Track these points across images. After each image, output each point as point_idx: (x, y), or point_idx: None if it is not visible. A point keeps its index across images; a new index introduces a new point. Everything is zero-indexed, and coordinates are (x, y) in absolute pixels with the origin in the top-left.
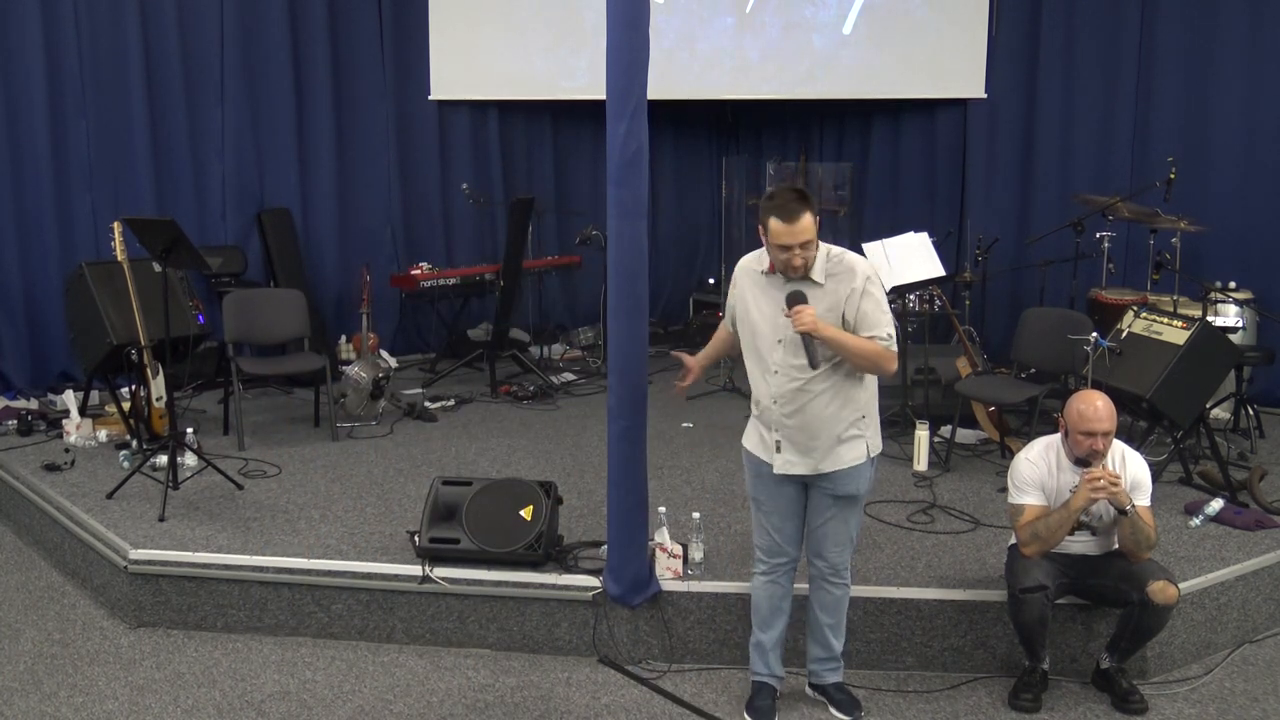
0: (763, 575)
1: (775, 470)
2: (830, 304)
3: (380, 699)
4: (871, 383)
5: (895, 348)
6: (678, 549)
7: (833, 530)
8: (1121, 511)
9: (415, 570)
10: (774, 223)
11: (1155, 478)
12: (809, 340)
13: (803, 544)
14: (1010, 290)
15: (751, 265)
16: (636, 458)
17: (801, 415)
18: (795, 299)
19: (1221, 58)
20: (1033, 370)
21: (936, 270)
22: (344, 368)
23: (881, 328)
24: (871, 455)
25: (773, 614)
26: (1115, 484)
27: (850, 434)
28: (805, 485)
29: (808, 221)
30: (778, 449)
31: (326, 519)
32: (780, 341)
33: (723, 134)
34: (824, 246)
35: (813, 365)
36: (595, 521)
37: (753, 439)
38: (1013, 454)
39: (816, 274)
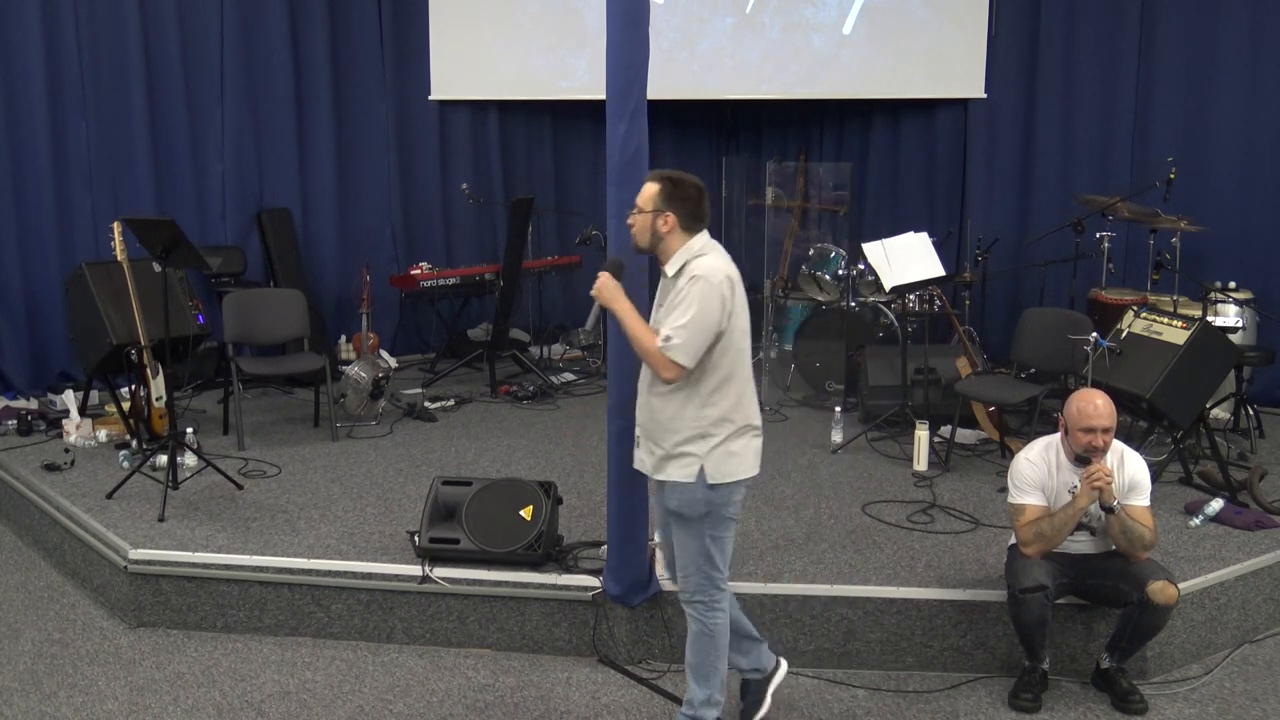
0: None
1: (634, 464)
2: (664, 300)
3: (380, 699)
4: (728, 406)
5: (677, 358)
6: None
7: (676, 547)
8: (1108, 509)
9: (415, 570)
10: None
11: (1155, 478)
12: (598, 308)
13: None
14: (1010, 290)
15: None
16: None
17: (647, 411)
18: (611, 265)
19: (1221, 58)
20: (1033, 370)
21: (936, 270)
22: (344, 368)
23: (669, 326)
24: (710, 481)
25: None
26: (1109, 479)
27: (682, 450)
28: None
29: (644, 189)
30: (637, 443)
31: (326, 519)
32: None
33: (723, 134)
34: (692, 252)
35: (585, 329)
36: (595, 521)
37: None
38: (1013, 454)
39: (669, 267)
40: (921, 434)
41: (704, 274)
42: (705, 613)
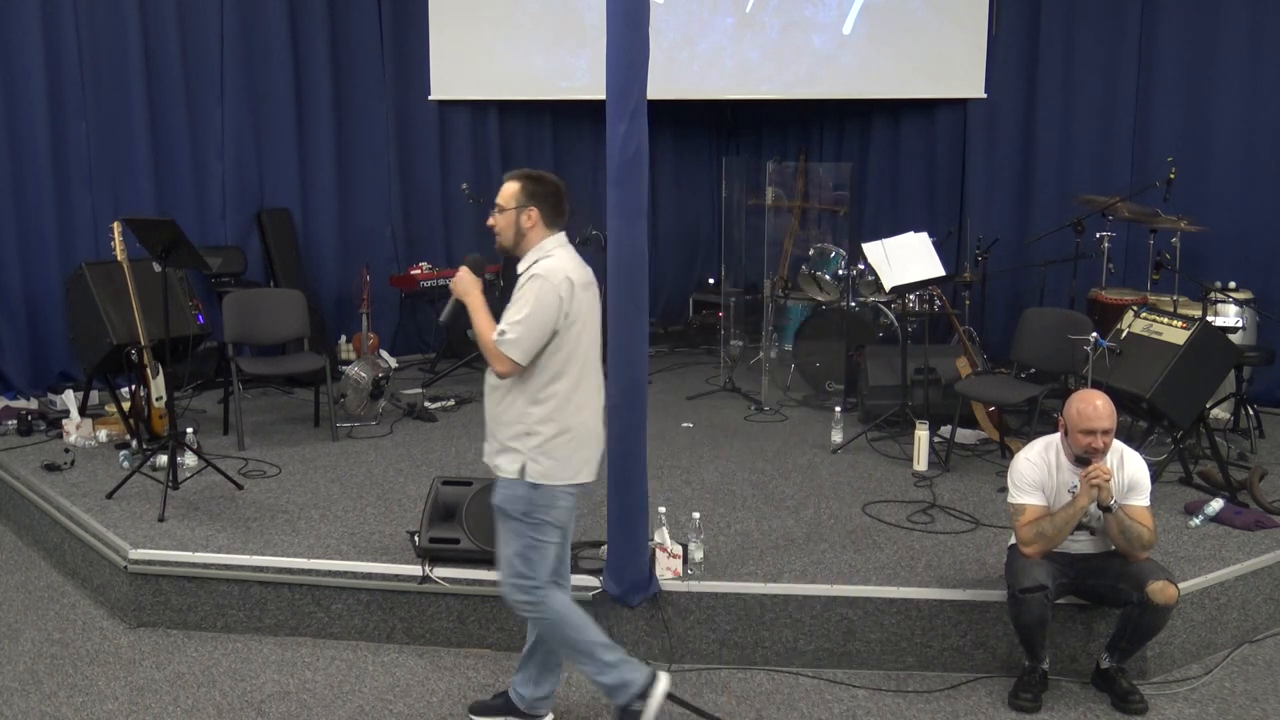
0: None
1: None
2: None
3: (380, 699)
4: (554, 407)
5: (509, 352)
6: (678, 549)
7: (499, 543)
8: (1106, 509)
9: (415, 570)
10: None
11: (1155, 478)
12: (454, 301)
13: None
14: (1010, 290)
15: None
16: (636, 457)
17: (488, 404)
18: (471, 261)
19: (1222, 58)
20: (1033, 370)
21: (936, 270)
22: (344, 368)
23: (505, 322)
24: (530, 479)
25: (529, 628)
26: (1107, 478)
27: (509, 445)
28: None
29: (504, 188)
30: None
31: (326, 519)
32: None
33: (723, 134)
34: (544, 251)
35: (439, 318)
36: (595, 521)
37: None
38: (1013, 454)
39: (521, 265)
40: (921, 434)
41: (544, 274)
42: (532, 611)
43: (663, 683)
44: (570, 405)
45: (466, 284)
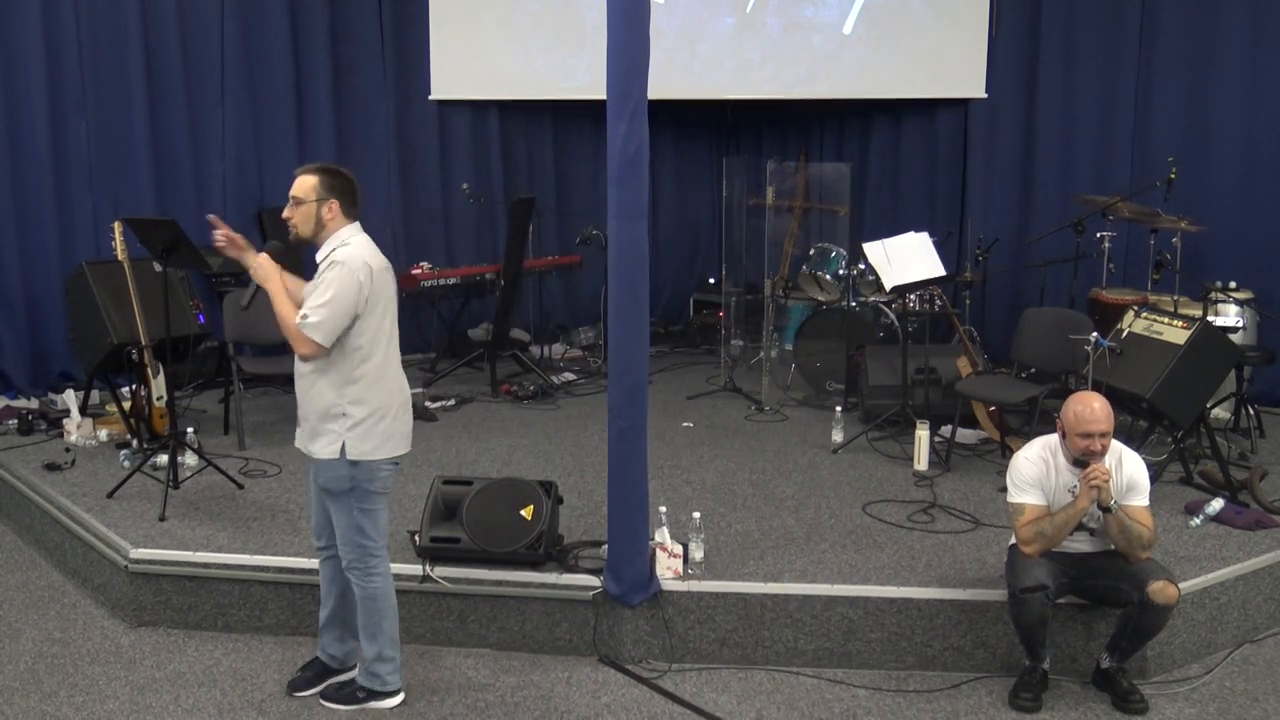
0: (319, 553)
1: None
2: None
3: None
4: (366, 386)
5: (313, 335)
6: (678, 548)
7: (333, 520)
8: (1105, 509)
9: (415, 570)
10: None
11: (1155, 478)
12: (255, 286)
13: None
14: (1010, 290)
15: None
16: (636, 457)
17: (299, 390)
18: (272, 248)
19: (1221, 58)
20: (1033, 370)
21: (936, 270)
22: None
23: (308, 306)
24: (350, 457)
25: (324, 595)
26: (1106, 478)
27: (325, 427)
28: None
29: (301, 182)
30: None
31: None
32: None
33: (723, 134)
34: (341, 239)
35: (242, 304)
36: (595, 521)
37: None
38: (1013, 454)
39: (320, 254)
40: (922, 434)
41: (344, 260)
42: (363, 579)
43: (397, 700)
44: (380, 384)
45: (267, 270)
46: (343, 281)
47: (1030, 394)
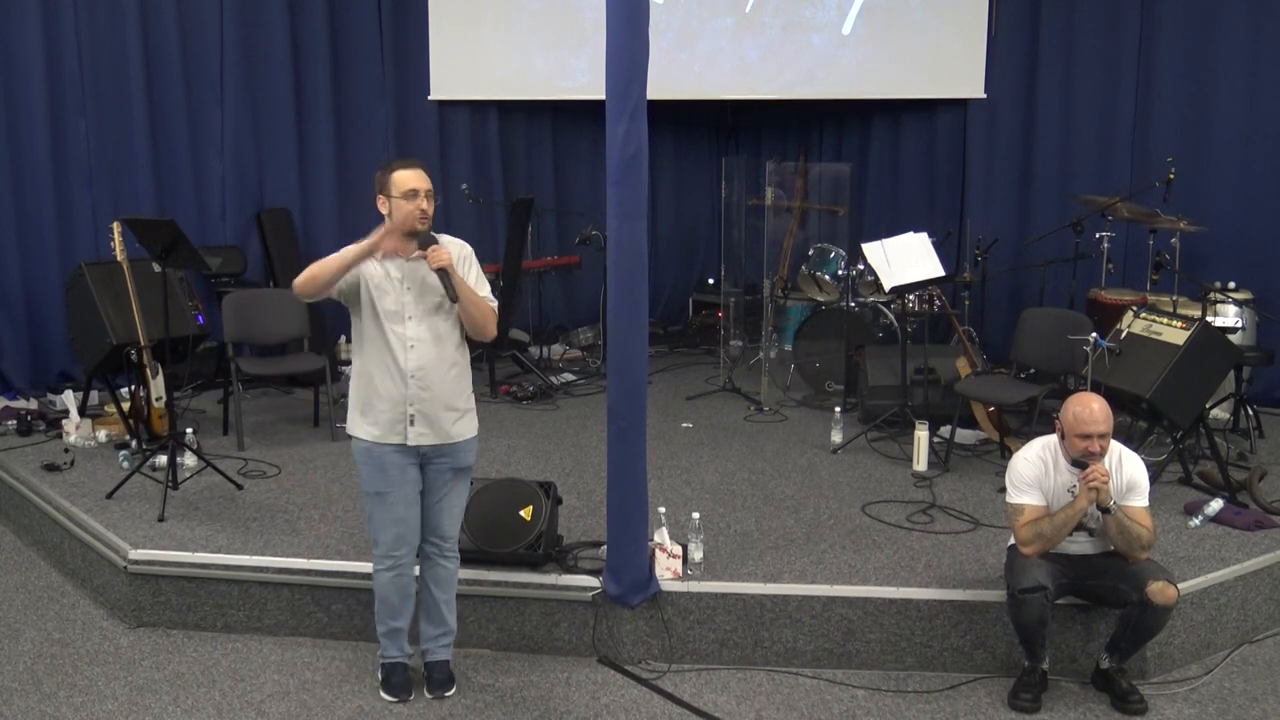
0: (389, 570)
1: (409, 442)
2: (453, 256)
3: (380, 699)
4: None
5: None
6: (677, 549)
7: (449, 504)
8: (1104, 510)
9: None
10: (399, 174)
11: (1155, 478)
12: (445, 277)
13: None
14: (1010, 290)
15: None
16: (636, 457)
17: (440, 378)
18: (428, 240)
19: (1221, 58)
20: (1032, 370)
21: (936, 270)
22: (344, 368)
23: (485, 294)
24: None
25: (404, 601)
26: (1105, 479)
27: (467, 406)
28: (421, 465)
29: (426, 177)
30: (411, 422)
31: (326, 519)
32: (411, 318)
33: (723, 134)
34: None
35: (452, 299)
36: (595, 521)
37: (371, 427)
38: (1012, 454)
39: (434, 244)
40: (921, 434)
41: (469, 247)
42: (455, 553)
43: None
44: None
45: (449, 256)
46: (481, 271)
47: (1029, 394)
